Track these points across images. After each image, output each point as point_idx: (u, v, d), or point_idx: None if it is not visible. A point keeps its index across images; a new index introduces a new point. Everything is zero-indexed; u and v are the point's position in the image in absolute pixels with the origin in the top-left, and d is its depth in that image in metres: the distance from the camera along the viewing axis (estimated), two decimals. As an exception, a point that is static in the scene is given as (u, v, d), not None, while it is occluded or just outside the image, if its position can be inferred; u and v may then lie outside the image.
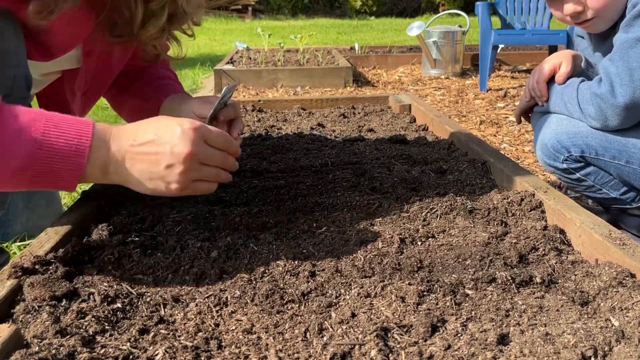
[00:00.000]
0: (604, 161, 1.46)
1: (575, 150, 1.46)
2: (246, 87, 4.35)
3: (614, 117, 1.39)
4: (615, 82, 1.37)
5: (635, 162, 1.43)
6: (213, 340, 0.87)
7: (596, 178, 1.51)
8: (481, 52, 4.26)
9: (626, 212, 1.59)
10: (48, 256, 1.09)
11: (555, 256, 1.15)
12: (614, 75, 1.37)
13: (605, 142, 1.44)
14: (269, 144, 2.02)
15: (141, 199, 1.44)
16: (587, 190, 1.54)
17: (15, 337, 0.83)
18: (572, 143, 1.46)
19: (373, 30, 10.73)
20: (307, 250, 1.18)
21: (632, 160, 1.43)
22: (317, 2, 16.83)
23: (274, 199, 1.47)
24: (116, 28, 1.27)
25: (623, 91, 1.36)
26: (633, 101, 1.36)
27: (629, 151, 1.43)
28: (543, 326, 0.88)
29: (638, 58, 1.35)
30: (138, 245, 1.18)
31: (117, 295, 1.00)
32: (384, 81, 4.81)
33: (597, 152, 1.45)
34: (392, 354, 0.83)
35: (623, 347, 0.82)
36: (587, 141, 1.45)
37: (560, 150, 1.48)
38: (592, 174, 1.50)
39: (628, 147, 1.43)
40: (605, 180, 1.51)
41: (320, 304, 0.97)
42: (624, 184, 1.51)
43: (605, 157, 1.45)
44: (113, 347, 0.84)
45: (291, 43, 5.92)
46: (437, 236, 1.25)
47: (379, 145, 1.98)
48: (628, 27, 1.38)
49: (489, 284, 1.03)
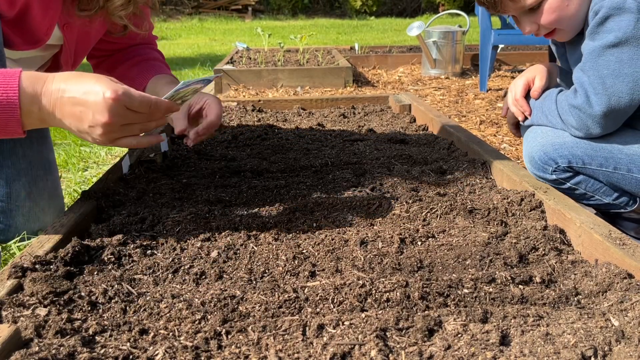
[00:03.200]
0: (592, 169, 1.46)
1: (563, 161, 1.47)
2: (246, 87, 4.34)
3: (595, 125, 1.40)
4: (589, 92, 1.38)
5: (622, 167, 1.43)
6: (213, 340, 0.87)
7: (587, 186, 1.51)
8: (481, 52, 4.26)
9: (622, 216, 1.58)
10: (48, 256, 1.09)
11: (555, 256, 1.15)
12: (587, 85, 1.38)
13: (590, 151, 1.44)
14: (269, 144, 2.02)
15: (141, 199, 1.44)
16: (580, 198, 1.54)
17: (15, 337, 0.83)
18: (559, 154, 1.47)
19: (373, 30, 10.73)
20: (307, 250, 1.18)
21: (619, 166, 1.43)
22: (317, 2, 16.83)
23: (274, 199, 1.47)
24: (83, 2, 1.35)
25: (598, 100, 1.36)
26: (610, 108, 1.36)
27: (615, 157, 1.43)
28: (543, 326, 0.88)
29: (607, 65, 1.35)
30: (138, 245, 1.19)
31: (117, 295, 1.00)
32: (384, 81, 4.81)
33: (584, 161, 1.45)
34: (392, 354, 0.83)
35: (623, 347, 0.82)
36: (573, 151, 1.45)
37: (548, 162, 1.48)
38: (582, 182, 1.50)
39: (614, 153, 1.43)
40: (596, 188, 1.51)
41: (320, 304, 0.97)
42: (615, 190, 1.50)
43: (592, 165, 1.45)
44: (113, 347, 0.84)
45: (291, 43, 5.92)
46: (437, 236, 1.25)
47: (379, 145, 1.98)
48: (593, 34, 1.38)
49: (489, 284, 1.03)
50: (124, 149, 2.33)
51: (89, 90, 1.09)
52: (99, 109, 1.07)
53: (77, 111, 1.09)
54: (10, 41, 1.34)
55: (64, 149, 2.85)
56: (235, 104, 2.72)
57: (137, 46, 1.71)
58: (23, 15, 1.31)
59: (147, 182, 1.57)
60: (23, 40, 1.35)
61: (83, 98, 1.08)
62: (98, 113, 1.08)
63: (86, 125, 1.09)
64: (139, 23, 1.56)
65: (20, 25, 1.32)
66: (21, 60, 1.48)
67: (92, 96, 1.08)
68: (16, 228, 1.62)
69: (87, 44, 1.58)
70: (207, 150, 1.94)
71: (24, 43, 1.35)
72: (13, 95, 1.07)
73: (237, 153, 1.91)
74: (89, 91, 1.09)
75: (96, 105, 1.07)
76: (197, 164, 1.77)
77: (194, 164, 1.77)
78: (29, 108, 1.09)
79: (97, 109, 1.07)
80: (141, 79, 1.60)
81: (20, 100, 1.08)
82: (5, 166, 1.57)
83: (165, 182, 1.56)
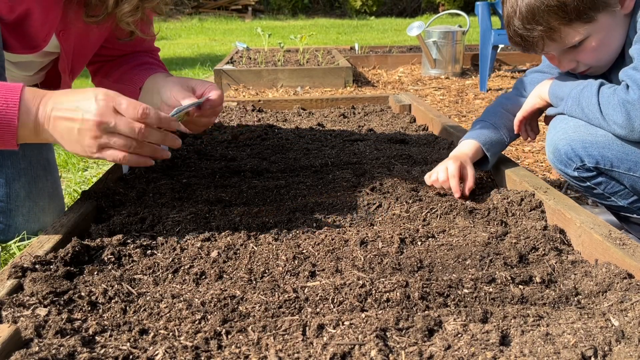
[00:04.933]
0: (619, 172, 1.42)
1: (590, 161, 1.43)
2: (246, 87, 4.34)
3: None
4: None
5: None
6: (213, 340, 0.87)
7: (606, 187, 1.48)
8: (481, 52, 4.26)
9: (631, 220, 1.57)
10: (48, 256, 1.09)
11: (555, 256, 1.15)
12: None
13: (622, 154, 1.40)
14: (269, 144, 2.02)
15: (141, 199, 1.44)
16: (595, 196, 1.51)
17: (15, 337, 0.83)
18: (587, 153, 1.42)
19: (373, 30, 10.73)
20: (307, 250, 1.18)
21: None
22: (317, 2, 16.82)
23: (274, 199, 1.47)
24: (90, 8, 1.36)
25: None
26: None
27: None
28: (543, 326, 0.88)
29: None
30: (138, 245, 1.19)
31: (117, 295, 1.00)
32: (384, 81, 4.81)
33: (613, 163, 1.41)
34: (392, 354, 0.83)
35: (623, 347, 0.81)
36: (603, 152, 1.41)
37: (574, 159, 1.44)
38: (603, 183, 1.47)
39: None
40: (615, 190, 1.48)
41: (320, 304, 0.97)
42: (634, 194, 1.48)
43: (620, 168, 1.42)
44: (113, 347, 0.84)
45: (291, 43, 5.92)
46: (437, 236, 1.25)
47: (379, 145, 1.98)
48: None
49: (489, 284, 1.03)
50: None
51: (81, 97, 1.13)
52: (89, 108, 1.11)
53: (68, 117, 1.12)
54: (8, 44, 1.34)
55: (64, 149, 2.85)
56: (235, 104, 2.72)
57: (138, 53, 1.71)
58: (23, 20, 1.32)
59: (147, 182, 1.57)
60: (21, 45, 1.35)
61: (75, 104, 1.12)
62: (87, 113, 1.11)
63: (76, 130, 1.11)
64: (144, 29, 1.57)
65: (19, 30, 1.33)
66: (19, 64, 1.48)
67: (84, 102, 1.12)
68: (16, 228, 1.62)
69: (85, 52, 1.58)
70: (207, 150, 1.94)
71: (21, 47, 1.36)
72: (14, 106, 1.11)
73: (237, 153, 1.91)
74: (82, 99, 1.13)
75: (87, 105, 1.11)
76: (197, 164, 1.77)
77: (194, 164, 1.77)
78: (26, 119, 1.12)
79: (86, 109, 1.11)
80: (140, 77, 1.60)
81: (20, 112, 1.11)
82: (5, 166, 1.57)
83: (165, 182, 1.56)
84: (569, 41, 1.40)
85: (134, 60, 1.68)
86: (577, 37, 1.39)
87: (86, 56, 1.60)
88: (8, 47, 1.35)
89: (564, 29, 1.38)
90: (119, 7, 1.34)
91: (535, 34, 1.40)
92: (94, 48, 1.59)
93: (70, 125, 1.12)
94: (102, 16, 1.37)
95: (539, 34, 1.40)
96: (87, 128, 1.11)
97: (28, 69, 1.53)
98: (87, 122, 1.11)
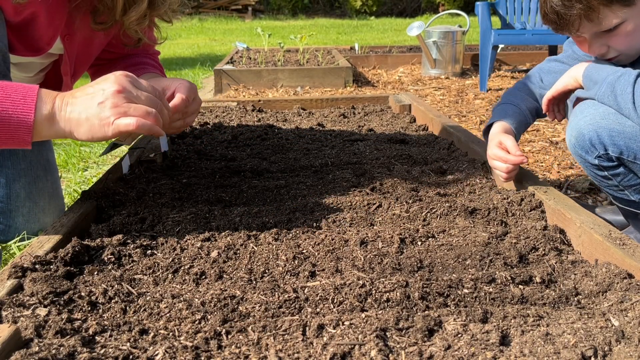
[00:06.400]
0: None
1: (614, 150, 1.40)
2: (246, 87, 4.34)
3: None
4: None
5: None
6: (213, 340, 0.87)
7: (623, 180, 1.45)
8: (481, 52, 4.26)
9: (638, 217, 1.56)
10: (48, 256, 1.09)
11: (555, 256, 1.15)
12: None
13: None
14: (269, 144, 2.02)
15: (141, 199, 1.44)
16: (608, 187, 1.49)
17: (15, 337, 0.83)
18: (612, 142, 1.39)
19: (373, 30, 10.73)
20: (307, 250, 1.18)
21: None
22: (317, 2, 16.83)
23: (274, 199, 1.47)
24: (98, 15, 1.37)
25: None
26: None
27: None
28: (543, 326, 0.88)
29: None
30: (138, 245, 1.19)
31: (117, 295, 1.00)
32: (384, 81, 4.81)
33: (637, 156, 1.39)
34: (392, 354, 0.83)
35: (623, 347, 0.82)
36: (629, 144, 1.38)
37: (597, 146, 1.41)
38: (620, 174, 1.44)
39: None
40: (631, 183, 1.45)
41: (320, 304, 0.97)
42: None
43: None
44: (113, 347, 0.84)
45: (291, 43, 5.92)
46: (437, 236, 1.25)
47: (379, 145, 1.98)
48: None
49: (489, 284, 1.03)
50: (124, 149, 2.33)
51: (101, 79, 1.17)
52: (111, 83, 1.14)
53: (89, 93, 1.13)
54: (12, 46, 1.35)
55: (64, 149, 2.85)
56: (235, 104, 2.72)
57: (135, 55, 1.72)
58: (28, 23, 1.33)
59: (147, 182, 1.57)
60: (24, 47, 1.36)
61: (94, 86, 1.15)
62: (108, 85, 1.13)
63: (96, 102, 1.12)
64: (149, 34, 1.58)
65: (24, 32, 1.34)
66: (19, 65, 1.49)
67: (103, 80, 1.16)
68: (16, 228, 1.62)
69: (88, 56, 1.59)
70: (207, 150, 1.94)
71: (25, 49, 1.36)
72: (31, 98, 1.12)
73: (237, 153, 1.91)
74: (100, 80, 1.17)
75: (107, 82, 1.14)
76: (197, 164, 1.77)
77: (194, 164, 1.77)
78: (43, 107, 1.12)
79: (108, 85, 1.14)
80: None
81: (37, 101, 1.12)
82: (5, 167, 1.58)
83: (165, 182, 1.56)
84: (606, 23, 1.38)
85: (129, 60, 1.70)
86: (615, 20, 1.37)
87: (89, 60, 1.62)
88: (12, 50, 1.35)
89: (603, 9, 1.35)
90: (126, 15, 1.35)
91: (573, 12, 1.37)
92: (97, 52, 1.61)
93: (89, 102, 1.13)
94: (109, 23, 1.38)
95: (577, 12, 1.37)
96: (108, 98, 1.12)
97: (28, 70, 1.54)
98: (108, 92, 1.13)
